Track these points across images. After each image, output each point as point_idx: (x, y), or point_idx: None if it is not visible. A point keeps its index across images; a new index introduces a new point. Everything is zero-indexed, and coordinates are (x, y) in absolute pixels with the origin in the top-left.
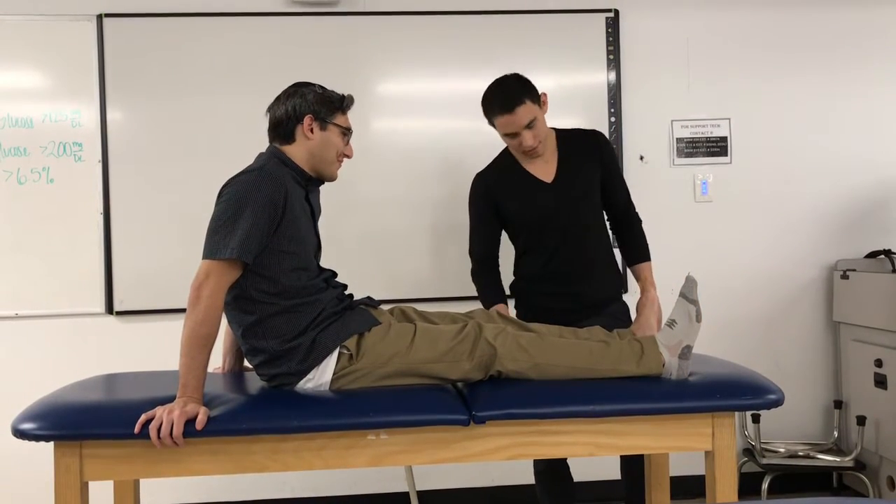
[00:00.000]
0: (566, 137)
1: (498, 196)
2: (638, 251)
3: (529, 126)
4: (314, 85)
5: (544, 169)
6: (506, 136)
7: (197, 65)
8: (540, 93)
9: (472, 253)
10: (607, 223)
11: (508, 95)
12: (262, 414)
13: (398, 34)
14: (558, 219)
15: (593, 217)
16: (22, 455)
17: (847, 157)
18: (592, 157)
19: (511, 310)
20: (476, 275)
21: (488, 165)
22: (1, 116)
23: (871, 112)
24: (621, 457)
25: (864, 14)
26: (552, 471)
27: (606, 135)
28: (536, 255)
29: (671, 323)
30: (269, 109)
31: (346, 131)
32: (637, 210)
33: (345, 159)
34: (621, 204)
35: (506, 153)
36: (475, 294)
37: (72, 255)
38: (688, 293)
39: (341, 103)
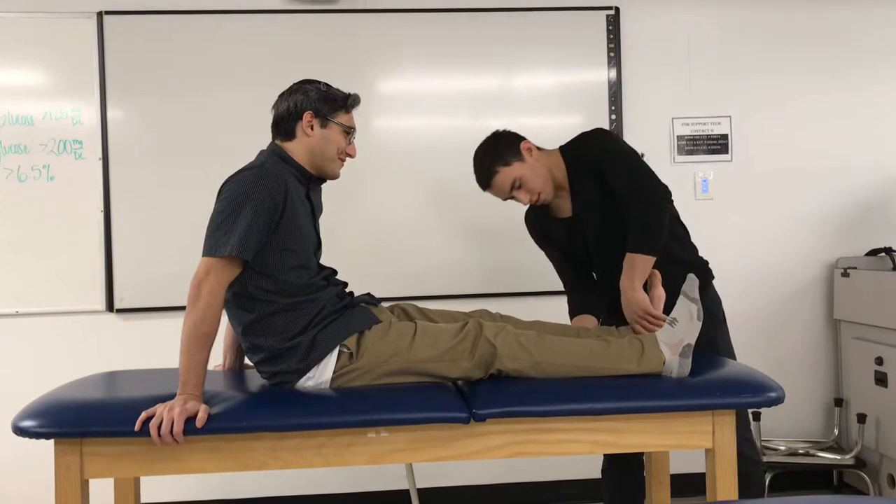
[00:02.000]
0: (569, 159)
1: (542, 232)
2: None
3: (517, 187)
4: (319, 82)
5: (561, 203)
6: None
7: (197, 62)
8: (521, 143)
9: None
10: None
11: (481, 173)
12: (262, 412)
13: (398, 32)
14: (591, 249)
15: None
16: (22, 453)
17: (848, 154)
18: (591, 171)
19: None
20: (567, 296)
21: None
22: (1, 114)
23: (872, 109)
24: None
25: (866, 12)
26: (619, 464)
27: None
28: (599, 280)
29: (672, 321)
30: (274, 106)
31: (349, 130)
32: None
33: (347, 158)
34: (621, 194)
35: None
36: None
37: (72, 253)
38: (689, 292)
39: (345, 102)
